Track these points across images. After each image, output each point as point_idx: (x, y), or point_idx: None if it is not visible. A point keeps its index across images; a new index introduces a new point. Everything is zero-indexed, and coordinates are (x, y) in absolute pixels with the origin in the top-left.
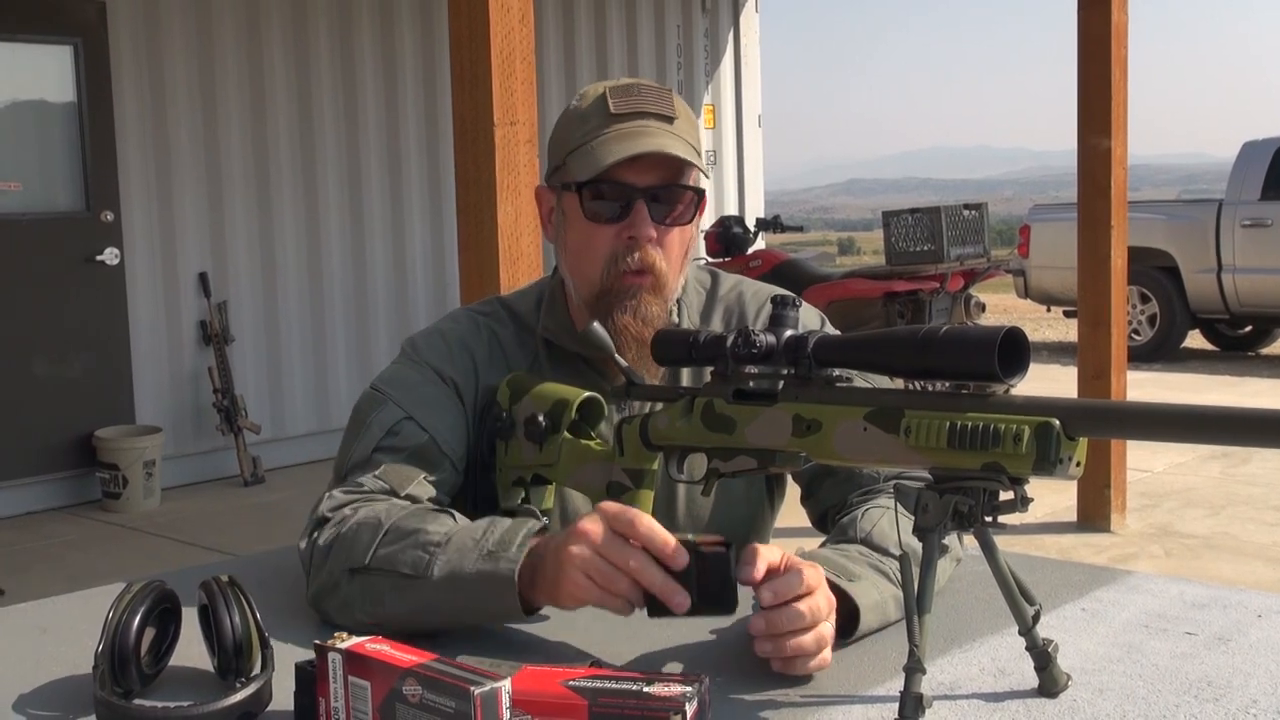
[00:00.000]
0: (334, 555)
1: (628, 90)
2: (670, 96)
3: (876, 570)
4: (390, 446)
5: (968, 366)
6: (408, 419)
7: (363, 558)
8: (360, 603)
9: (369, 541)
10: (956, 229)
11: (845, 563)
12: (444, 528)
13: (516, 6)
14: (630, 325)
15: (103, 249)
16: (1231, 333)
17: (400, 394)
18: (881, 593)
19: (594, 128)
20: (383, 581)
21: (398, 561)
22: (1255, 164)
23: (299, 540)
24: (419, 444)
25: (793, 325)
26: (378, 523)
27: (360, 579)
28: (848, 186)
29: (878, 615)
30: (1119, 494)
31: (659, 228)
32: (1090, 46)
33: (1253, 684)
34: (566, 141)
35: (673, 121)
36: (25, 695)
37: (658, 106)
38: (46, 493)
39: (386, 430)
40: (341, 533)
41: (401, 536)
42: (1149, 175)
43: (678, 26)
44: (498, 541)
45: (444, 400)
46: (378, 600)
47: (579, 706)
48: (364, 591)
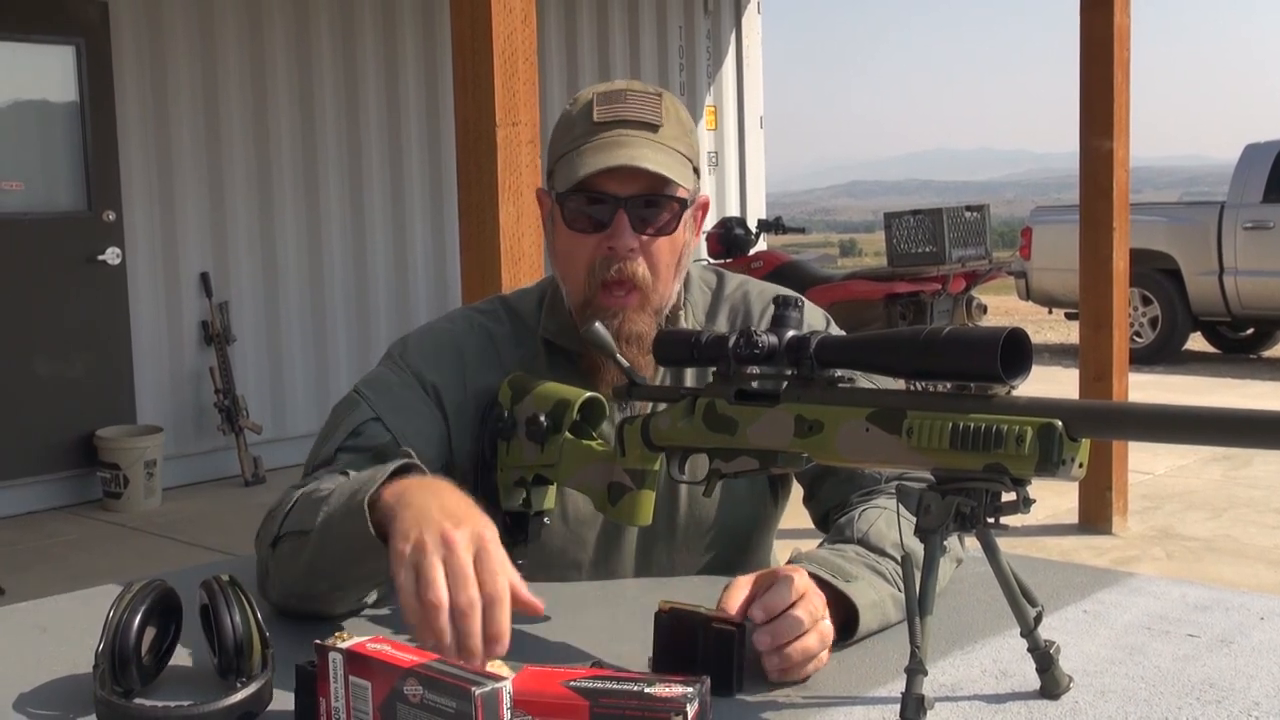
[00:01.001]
0: (262, 539)
1: (613, 97)
2: (659, 102)
3: (873, 570)
4: (353, 446)
5: (970, 367)
6: (375, 420)
7: (275, 531)
8: (275, 575)
9: (279, 517)
10: (958, 231)
11: (841, 563)
12: (334, 483)
13: (519, 7)
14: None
15: (104, 249)
16: (1233, 335)
17: (373, 395)
18: (879, 592)
19: (578, 135)
20: (286, 545)
21: (296, 522)
22: (1257, 167)
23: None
24: (381, 444)
25: (795, 326)
26: (291, 500)
27: (276, 551)
28: (849, 188)
29: (877, 615)
30: (1120, 496)
31: (641, 238)
32: (1092, 48)
33: (1255, 686)
34: (556, 147)
35: (658, 130)
36: (25, 694)
37: (641, 114)
38: (47, 492)
39: (351, 430)
40: (267, 517)
41: (303, 502)
42: (1151, 177)
43: (680, 27)
44: (363, 480)
45: (417, 404)
46: (285, 567)
47: (580, 707)
48: (277, 562)
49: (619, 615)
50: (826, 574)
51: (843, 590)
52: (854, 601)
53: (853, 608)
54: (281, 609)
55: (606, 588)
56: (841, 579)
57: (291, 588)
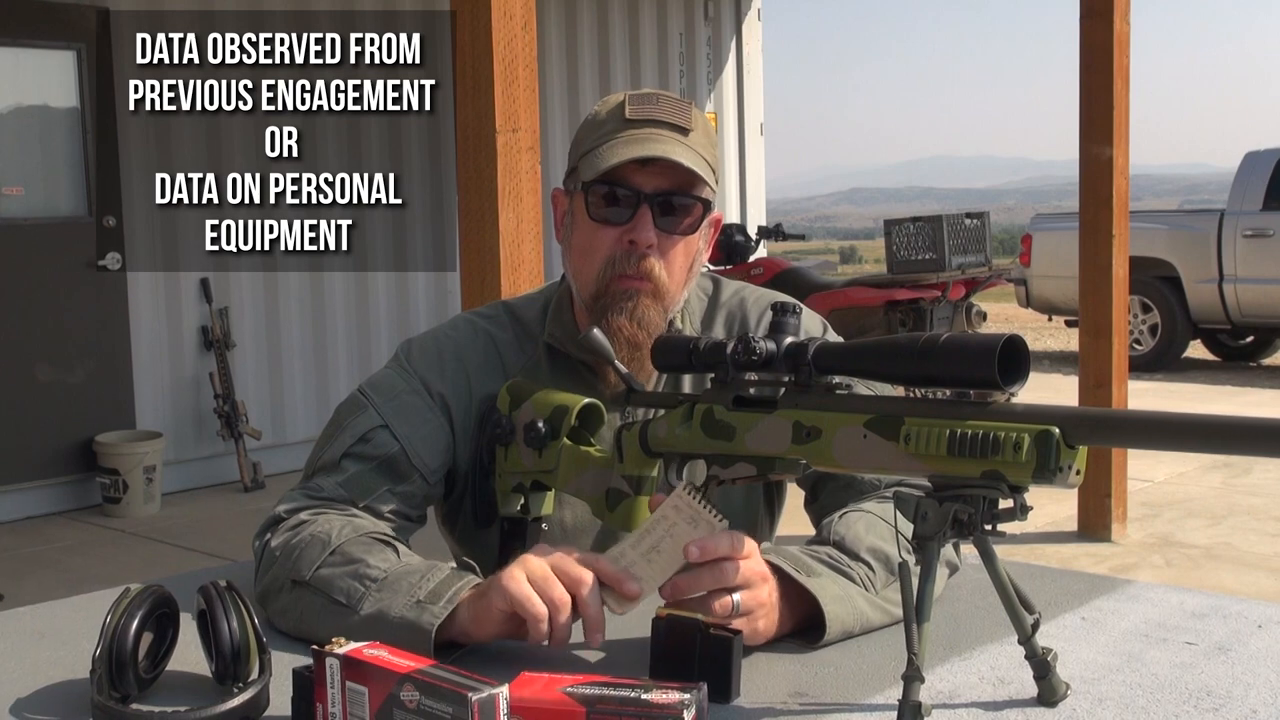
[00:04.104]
0: (281, 562)
1: (646, 99)
2: (690, 110)
3: (838, 572)
4: (359, 454)
5: (968, 374)
6: (382, 427)
7: (305, 572)
8: (294, 613)
9: (314, 558)
10: (958, 238)
11: (807, 559)
12: (385, 563)
13: (519, 14)
14: (625, 327)
15: (105, 254)
16: (1233, 343)
17: (381, 400)
18: (844, 588)
19: (608, 132)
20: (316, 599)
21: (334, 586)
22: (1257, 174)
23: (254, 535)
24: (389, 453)
25: (793, 332)
26: (327, 541)
27: (299, 591)
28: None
29: (847, 609)
30: (1120, 504)
31: (662, 235)
32: (1092, 56)
33: (1252, 694)
34: (582, 144)
35: (688, 134)
36: (23, 700)
37: (674, 117)
38: (47, 497)
39: (359, 437)
40: (293, 541)
41: (345, 562)
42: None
43: (680, 34)
44: (429, 593)
45: (425, 412)
46: (309, 615)
47: (577, 713)
48: (299, 604)
49: (616, 621)
50: (788, 567)
51: (802, 583)
52: (814, 595)
53: (814, 602)
54: (278, 628)
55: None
56: (804, 573)
57: (305, 632)
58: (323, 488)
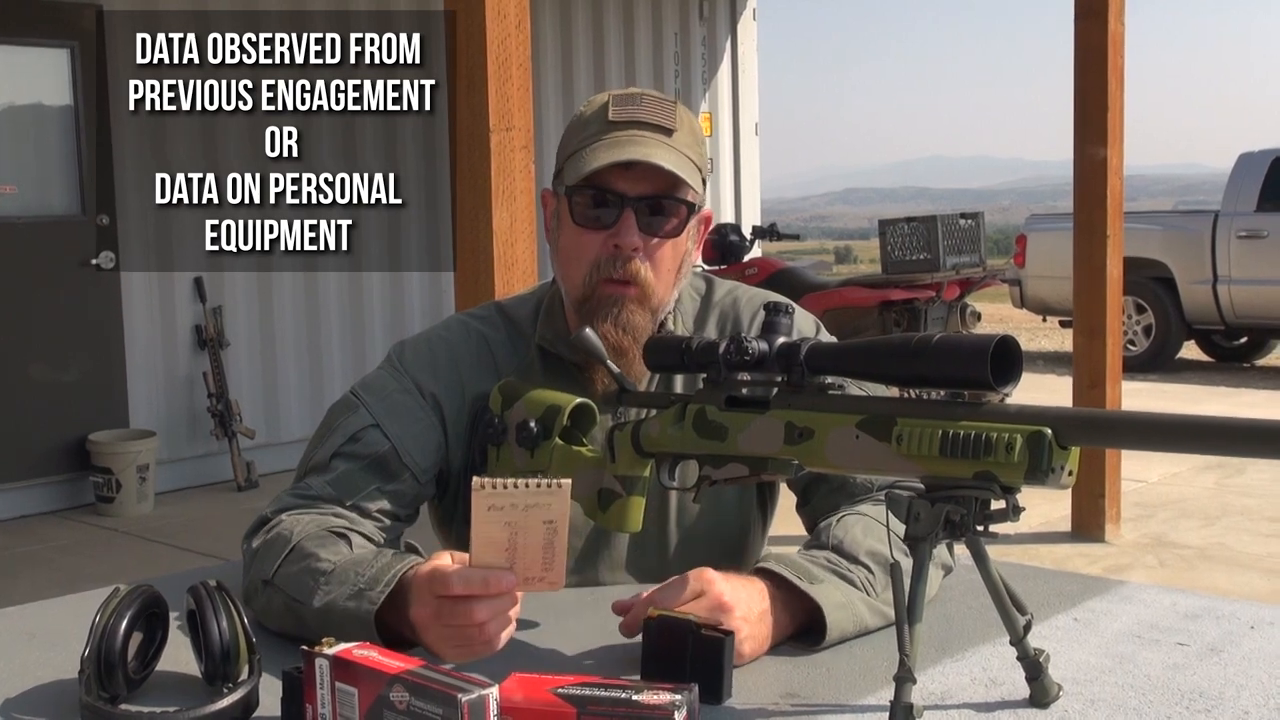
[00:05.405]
0: (255, 564)
1: (629, 99)
2: (674, 109)
3: (840, 576)
4: (349, 453)
5: (960, 374)
6: (373, 426)
7: (269, 571)
8: (271, 612)
9: (275, 557)
10: (953, 238)
11: (808, 566)
12: (336, 556)
13: (513, 13)
14: (610, 334)
15: (98, 253)
16: (1227, 344)
17: (372, 400)
18: (846, 594)
19: (591, 134)
20: (279, 598)
21: (290, 583)
22: (1251, 175)
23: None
24: (379, 452)
25: (786, 332)
26: (288, 539)
27: (269, 591)
28: (845, 195)
29: (848, 615)
30: (1113, 504)
31: (646, 239)
32: (1087, 57)
33: (1245, 695)
34: (567, 146)
35: (672, 134)
36: (11, 700)
37: (656, 117)
38: (39, 496)
39: (349, 436)
40: (264, 542)
41: (299, 559)
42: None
43: (675, 34)
44: (368, 579)
45: (417, 411)
46: (277, 614)
47: (568, 714)
48: (270, 603)
49: (608, 622)
50: (791, 575)
51: (805, 591)
52: (817, 601)
53: (816, 608)
54: (266, 627)
55: (595, 594)
56: (806, 580)
57: (280, 627)
58: (312, 487)
